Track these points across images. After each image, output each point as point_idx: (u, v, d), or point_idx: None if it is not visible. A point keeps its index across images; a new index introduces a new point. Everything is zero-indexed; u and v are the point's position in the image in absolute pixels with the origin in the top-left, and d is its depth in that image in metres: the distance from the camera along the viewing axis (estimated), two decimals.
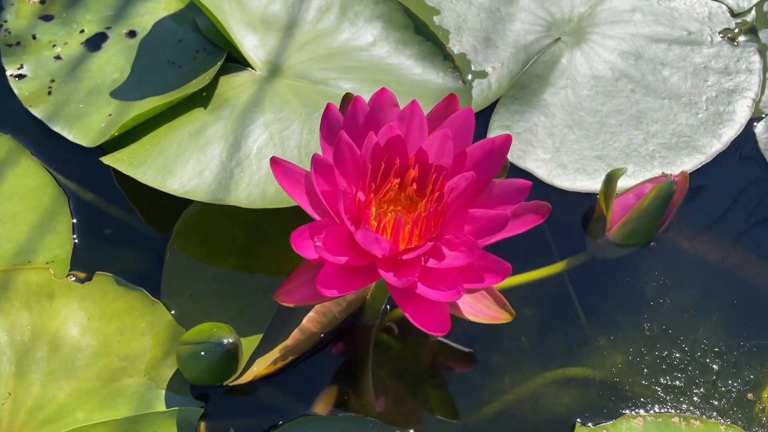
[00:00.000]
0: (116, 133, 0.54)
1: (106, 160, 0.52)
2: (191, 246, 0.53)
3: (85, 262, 0.52)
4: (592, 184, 0.56)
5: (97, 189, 0.56)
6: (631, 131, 0.58)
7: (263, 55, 0.58)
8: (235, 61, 0.58)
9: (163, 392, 0.48)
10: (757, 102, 0.59)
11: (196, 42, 0.60)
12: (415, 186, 0.38)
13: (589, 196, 0.56)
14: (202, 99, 0.55)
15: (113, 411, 0.47)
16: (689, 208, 0.56)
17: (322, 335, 0.48)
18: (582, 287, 0.54)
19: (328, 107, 0.37)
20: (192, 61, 0.59)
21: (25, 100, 0.58)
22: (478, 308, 0.38)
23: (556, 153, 0.56)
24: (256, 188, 0.49)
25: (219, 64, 0.56)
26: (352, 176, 0.38)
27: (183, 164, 0.50)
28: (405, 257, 0.36)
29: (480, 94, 0.59)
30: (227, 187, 0.49)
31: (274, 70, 0.57)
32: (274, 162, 0.37)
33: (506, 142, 0.38)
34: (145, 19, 0.62)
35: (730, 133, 0.57)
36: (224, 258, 0.53)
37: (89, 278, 0.51)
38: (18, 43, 0.60)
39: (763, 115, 0.59)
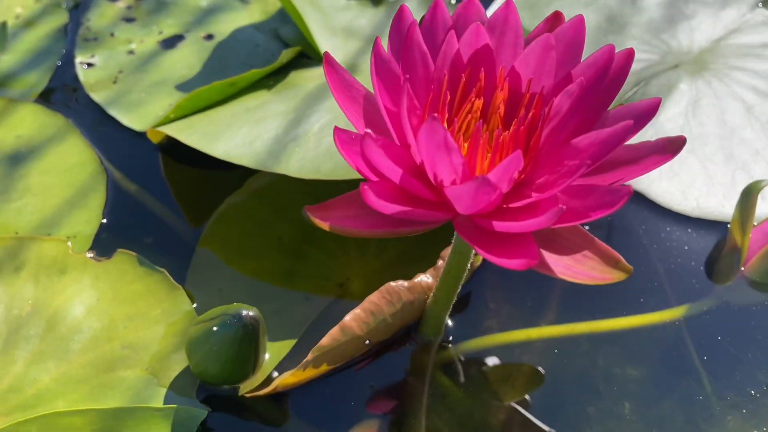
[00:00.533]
0: (171, 115, 0.49)
1: (150, 130, 0.46)
2: (230, 237, 0.45)
3: (109, 242, 0.45)
4: (723, 206, 0.45)
5: (141, 176, 0.50)
6: None
7: (341, 57, 0.53)
8: (311, 59, 0.54)
9: (164, 391, 0.38)
10: None
11: (274, 47, 0.57)
12: (502, 112, 0.30)
13: (719, 225, 0.45)
14: (267, 86, 0.50)
15: (100, 404, 0.38)
16: None
17: (367, 342, 0.38)
18: (706, 341, 0.42)
19: (402, 8, 0.31)
20: (266, 63, 0.55)
21: (88, 87, 0.55)
22: (579, 270, 0.28)
23: (672, 170, 0.47)
24: (310, 163, 0.42)
25: (290, 52, 0.52)
26: (423, 93, 0.30)
27: (233, 132, 0.44)
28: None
29: None
30: (278, 158, 0.42)
31: (350, 69, 0.52)
32: (327, 61, 0.30)
33: (629, 57, 0.30)
34: (226, 26, 0.59)
35: None
36: (266, 255, 0.45)
37: (108, 257, 0.43)
38: (95, 39, 0.59)
39: None
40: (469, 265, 0.35)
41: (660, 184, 0.47)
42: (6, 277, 0.43)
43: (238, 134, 0.44)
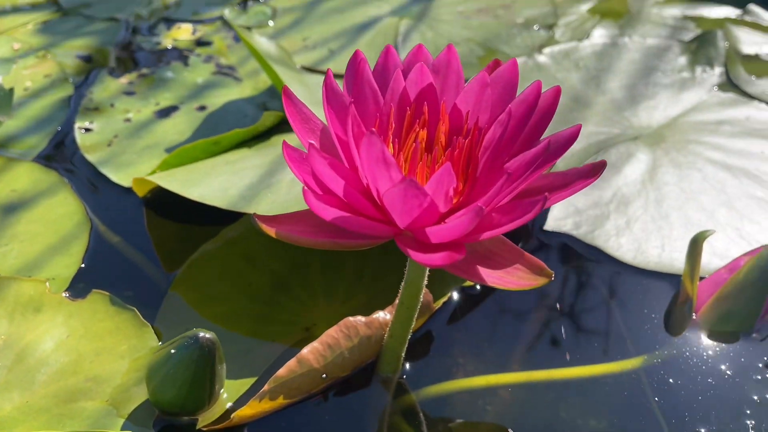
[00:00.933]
0: (158, 170, 0.52)
1: (135, 178, 0.49)
2: (202, 282, 0.47)
3: (86, 284, 0.47)
4: (679, 261, 0.47)
5: (124, 227, 0.52)
6: (723, 210, 0.50)
7: None
8: None
9: (121, 421, 0.39)
10: None
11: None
12: (443, 142, 0.33)
13: (675, 278, 0.47)
14: (249, 145, 0.53)
15: (58, 431, 0.38)
16: None
17: (324, 376, 0.39)
18: (665, 390, 0.42)
19: (356, 52, 0.34)
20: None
21: (84, 149, 0.58)
22: (509, 279, 0.29)
23: (629, 230, 0.49)
24: (279, 206, 0.44)
25: (272, 115, 0.55)
26: (372, 124, 0.33)
27: (211, 180, 0.47)
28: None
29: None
30: (250, 202, 0.45)
31: None
32: (286, 94, 0.33)
33: (557, 94, 0.33)
34: (218, 99, 0.64)
35: None
36: (235, 300, 0.46)
37: (83, 298, 0.45)
38: (96, 108, 0.63)
39: None
40: (421, 296, 0.37)
41: (617, 240, 0.49)
42: None
43: (215, 182, 0.46)
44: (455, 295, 0.46)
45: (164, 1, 0.80)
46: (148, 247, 0.51)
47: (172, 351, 0.36)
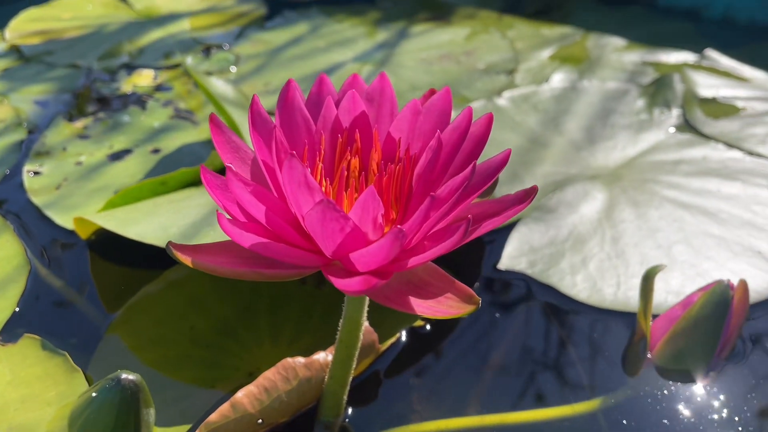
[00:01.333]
0: (101, 210, 0.50)
1: (76, 218, 0.48)
2: (141, 325, 0.45)
3: (19, 328, 0.45)
4: (635, 299, 0.46)
5: (66, 270, 0.50)
6: (680, 247, 0.49)
7: None
8: None
9: None
10: None
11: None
12: (375, 169, 0.32)
13: (632, 317, 0.45)
14: (198, 185, 0.52)
15: None
16: (762, 332, 0.43)
17: (260, 421, 0.37)
18: (622, 431, 0.41)
19: (289, 81, 0.33)
20: None
21: (31, 192, 0.57)
22: (439, 308, 0.28)
23: (585, 268, 0.48)
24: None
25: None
26: (300, 150, 0.32)
27: (152, 219, 0.45)
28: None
29: None
30: (190, 240, 0.43)
31: None
32: (213, 122, 0.32)
33: (489, 121, 0.32)
34: (173, 142, 0.63)
35: None
36: (175, 344, 0.44)
37: (14, 342, 0.43)
38: (47, 152, 0.62)
39: None
40: (361, 333, 0.35)
41: (573, 279, 0.47)
42: None
43: (156, 221, 0.45)
44: (404, 336, 0.44)
45: (127, 48, 0.80)
46: (91, 290, 0.49)
47: (93, 394, 0.34)
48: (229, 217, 0.28)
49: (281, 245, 0.28)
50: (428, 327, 0.45)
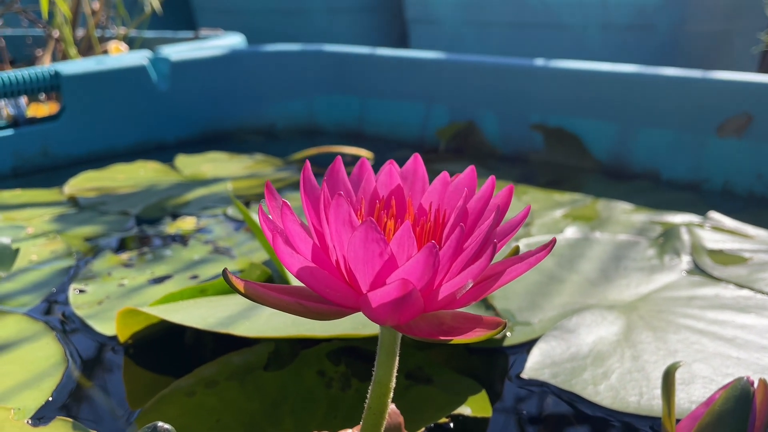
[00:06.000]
0: (141, 308, 0.53)
1: (121, 311, 0.51)
2: (169, 414, 0.46)
3: (50, 414, 0.46)
4: (655, 405, 0.46)
5: (99, 370, 0.52)
6: (701, 365, 0.49)
7: None
8: None
9: None
10: None
11: None
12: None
13: (657, 420, 0.45)
14: (234, 294, 0.55)
15: None
16: None
17: None
18: None
19: (336, 159, 0.38)
20: None
21: (75, 306, 0.60)
22: (470, 335, 0.30)
23: (607, 379, 0.48)
24: (255, 329, 0.45)
25: (257, 267, 0.58)
26: None
27: (192, 311, 0.48)
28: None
29: (522, 330, 0.55)
30: (227, 326, 0.45)
31: None
32: (267, 187, 0.36)
33: (510, 192, 0.36)
34: (211, 271, 0.67)
35: None
36: None
37: (45, 424, 0.44)
38: (93, 276, 0.66)
39: None
40: (389, 402, 0.36)
41: (596, 388, 0.48)
42: None
43: (196, 312, 0.48)
44: None
45: (174, 202, 0.87)
46: (122, 389, 0.50)
47: None
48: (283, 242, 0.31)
49: (325, 273, 0.31)
50: (452, 425, 0.45)
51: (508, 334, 0.55)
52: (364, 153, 1.06)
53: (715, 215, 0.80)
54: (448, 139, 1.10)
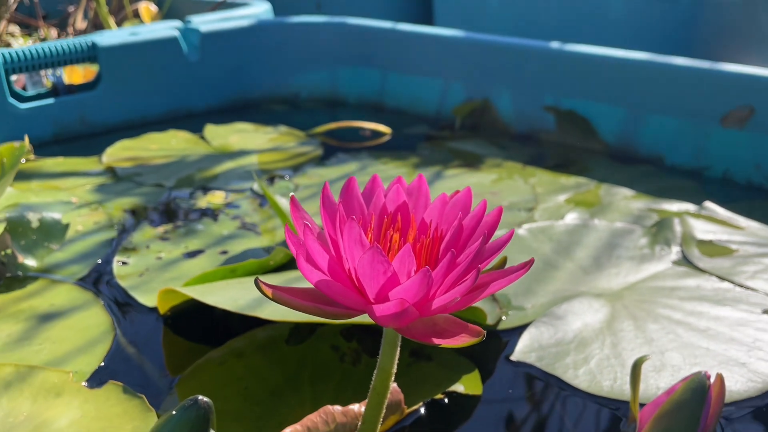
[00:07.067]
0: (179, 288, 0.61)
1: (162, 290, 0.58)
2: (204, 380, 0.53)
3: (103, 378, 0.54)
4: (626, 390, 0.52)
5: (143, 337, 0.60)
6: (673, 354, 0.56)
7: None
8: None
9: None
10: None
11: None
12: (413, 241, 0.41)
13: (626, 404, 0.52)
14: (261, 274, 0.62)
15: None
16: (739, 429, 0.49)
17: None
18: None
19: (351, 178, 0.44)
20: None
21: (119, 277, 0.68)
22: (453, 340, 0.36)
23: (587, 364, 0.55)
24: (279, 315, 0.52)
25: (281, 251, 0.65)
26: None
27: (225, 293, 0.55)
28: None
29: (516, 315, 0.62)
30: (254, 309, 0.52)
31: None
32: (293, 201, 0.43)
33: (499, 213, 0.42)
34: (239, 246, 0.74)
35: None
36: (230, 399, 0.52)
37: (100, 387, 0.52)
38: (133, 248, 0.74)
39: None
40: (390, 384, 0.43)
41: (575, 372, 0.55)
42: (11, 393, 0.51)
43: (227, 294, 0.55)
44: (423, 409, 0.51)
45: (204, 175, 0.94)
46: (161, 356, 0.58)
47: (174, 412, 0.42)
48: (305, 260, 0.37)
49: (338, 284, 0.37)
50: (446, 400, 0.52)
51: (504, 318, 0.62)
52: (382, 128, 1.12)
53: (710, 205, 0.84)
54: (464, 116, 1.15)
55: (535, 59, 1.09)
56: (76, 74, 1.19)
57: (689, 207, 0.85)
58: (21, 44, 1.78)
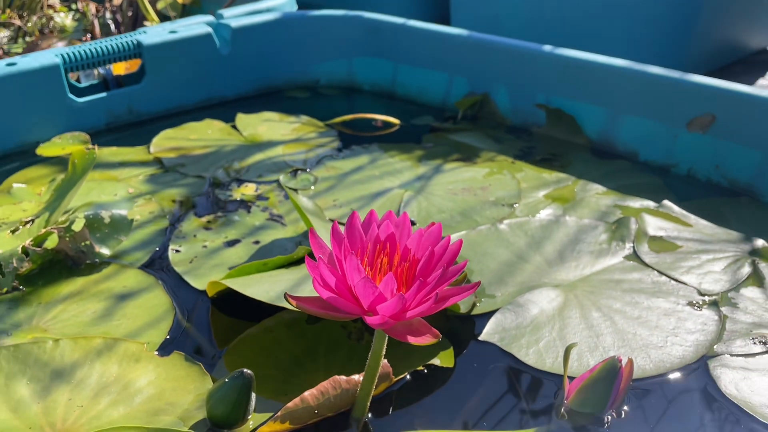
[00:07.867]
0: (225, 278, 0.77)
1: (210, 282, 0.75)
2: (245, 351, 0.71)
3: (169, 348, 0.71)
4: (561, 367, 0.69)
5: (196, 316, 0.77)
6: (608, 338, 0.72)
7: None
8: None
9: (186, 429, 0.61)
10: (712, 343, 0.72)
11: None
12: (396, 265, 0.58)
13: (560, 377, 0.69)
14: (287, 267, 0.79)
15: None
16: (643, 397, 0.66)
17: (316, 411, 0.61)
18: None
19: (353, 213, 0.60)
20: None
21: (173, 263, 0.85)
22: (420, 339, 0.53)
23: (537, 345, 0.72)
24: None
25: (303, 249, 0.81)
26: (357, 251, 0.58)
27: (259, 285, 0.72)
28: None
29: (488, 302, 0.78)
30: (281, 300, 0.69)
31: None
32: (311, 233, 0.59)
33: (459, 244, 0.57)
34: (268, 237, 0.91)
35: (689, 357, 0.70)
36: (264, 367, 0.69)
37: (167, 355, 0.69)
38: (183, 237, 0.90)
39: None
40: (380, 362, 0.60)
41: (527, 351, 0.71)
42: (102, 359, 0.69)
43: (262, 287, 0.72)
44: (409, 376, 0.69)
45: (238, 166, 1.10)
46: (211, 331, 0.75)
47: (226, 380, 0.59)
48: (320, 283, 0.54)
49: (342, 299, 0.53)
50: (426, 371, 0.69)
51: (477, 304, 0.78)
52: (393, 120, 1.26)
53: (667, 203, 0.99)
54: (465, 108, 1.29)
55: (529, 60, 1.22)
56: (119, 66, 1.35)
57: (650, 204, 0.99)
58: (62, 18, 1.93)
